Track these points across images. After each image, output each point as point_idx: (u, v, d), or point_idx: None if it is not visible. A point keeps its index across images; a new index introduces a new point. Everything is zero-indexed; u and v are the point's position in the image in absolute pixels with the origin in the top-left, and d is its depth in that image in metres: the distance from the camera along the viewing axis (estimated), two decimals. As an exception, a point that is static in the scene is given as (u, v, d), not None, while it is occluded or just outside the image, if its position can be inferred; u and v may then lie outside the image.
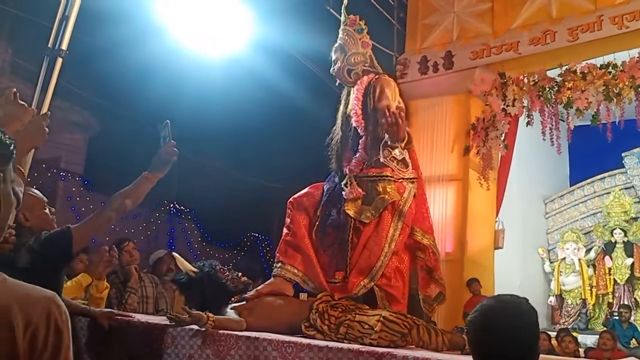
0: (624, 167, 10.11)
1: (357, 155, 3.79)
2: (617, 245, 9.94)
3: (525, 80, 7.73)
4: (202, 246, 12.77)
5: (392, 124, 3.21)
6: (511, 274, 8.92)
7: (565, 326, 9.39)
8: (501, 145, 8.01)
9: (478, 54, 8.14)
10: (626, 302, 9.46)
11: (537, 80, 7.59)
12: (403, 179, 3.67)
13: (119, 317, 3.06)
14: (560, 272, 10.16)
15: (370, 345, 2.83)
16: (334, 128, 4.00)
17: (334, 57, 4.00)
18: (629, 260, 9.79)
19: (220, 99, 9.10)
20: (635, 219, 9.96)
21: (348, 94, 3.98)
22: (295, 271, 3.67)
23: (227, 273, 3.39)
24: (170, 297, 5.17)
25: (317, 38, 8.16)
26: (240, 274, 3.44)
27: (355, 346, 2.72)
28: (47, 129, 2.25)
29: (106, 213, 2.69)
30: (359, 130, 3.79)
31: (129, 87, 9.17)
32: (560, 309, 10.06)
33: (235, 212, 12.70)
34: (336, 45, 4.04)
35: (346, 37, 4.03)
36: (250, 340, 2.81)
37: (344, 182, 3.72)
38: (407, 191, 3.65)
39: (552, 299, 10.22)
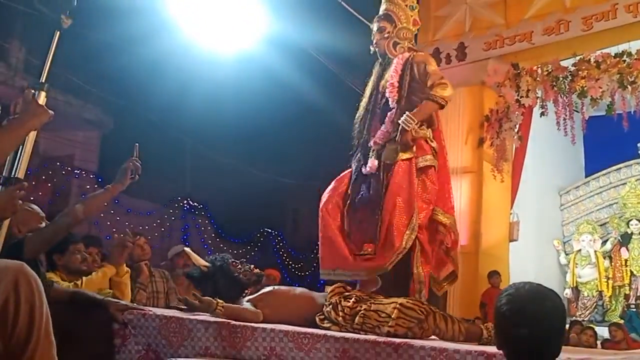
0: (639, 157, 9.99)
1: (383, 127, 3.87)
2: (633, 236, 9.84)
3: (539, 70, 7.66)
4: (216, 242, 12.83)
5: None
6: (526, 267, 8.85)
7: (581, 319, 9.33)
8: (515, 137, 7.95)
9: (491, 45, 8.07)
10: (643, 294, 9.39)
11: (550, 70, 7.52)
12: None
13: (135, 310, 3.07)
14: (576, 264, 10.08)
15: (388, 333, 2.82)
16: (361, 101, 4.03)
17: (379, 26, 4.01)
18: (646, 252, 9.71)
19: (233, 95, 9.13)
20: (651, 209, 9.87)
21: (384, 67, 4.03)
22: (328, 271, 3.78)
23: (239, 266, 3.41)
24: (183, 292, 5.18)
25: (329, 32, 8.16)
26: (252, 266, 3.46)
27: (372, 337, 2.71)
28: (20, 201, 2.21)
29: (60, 220, 2.79)
30: (390, 103, 3.85)
31: (142, 84, 9.22)
32: (577, 301, 9.98)
33: (248, 208, 12.74)
34: (382, 14, 4.06)
35: (397, 10, 4.07)
36: (267, 332, 2.81)
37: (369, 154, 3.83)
38: (426, 154, 3.83)
39: (567, 291, 10.14)
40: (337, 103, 9.74)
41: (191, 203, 12.60)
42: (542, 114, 7.77)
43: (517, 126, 7.92)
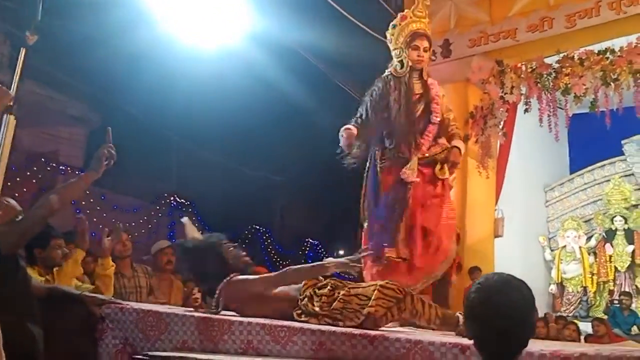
0: (623, 154, 10.08)
1: (424, 139, 4.26)
2: (617, 232, 9.94)
3: (523, 67, 7.68)
4: (203, 239, 12.78)
5: None
6: (512, 263, 8.87)
7: (566, 314, 9.40)
8: (500, 134, 7.97)
9: (476, 42, 8.09)
10: (627, 290, 9.47)
11: (534, 67, 7.54)
12: None
13: (112, 304, 3.06)
14: (561, 260, 10.16)
15: (368, 314, 2.84)
16: (396, 111, 4.24)
17: (426, 45, 4.34)
18: (630, 248, 9.80)
19: (218, 91, 9.09)
20: (635, 206, 9.95)
21: (413, 82, 4.33)
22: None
23: (231, 249, 3.41)
24: (166, 287, 5.19)
25: (314, 29, 8.15)
26: (244, 253, 3.46)
27: (348, 329, 2.72)
28: None
29: (35, 212, 2.70)
30: (434, 119, 4.27)
31: (127, 80, 9.16)
32: (561, 297, 10.07)
33: (235, 205, 12.71)
34: (424, 33, 4.37)
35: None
36: (243, 325, 2.81)
37: (410, 165, 4.15)
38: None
39: (553, 287, 10.23)
40: (324, 101, 9.75)
41: (178, 200, 12.55)
42: (525, 110, 7.80)
43: (502, 123, 7.94)
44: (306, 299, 3.08)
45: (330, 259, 3.24)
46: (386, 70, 4.42)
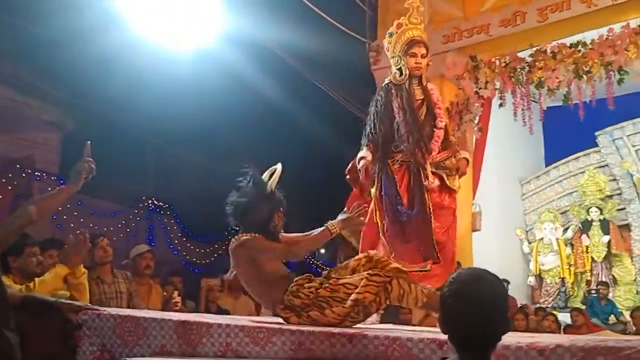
0: (597, 146, 10.21)
1: (433, 145, 4.28)
2: (593, 223, 10.08)
3: (497, 62, 7.75)
4: (183, 241, 12.68)
5: None
6: (490, 256, 8.95)
7: (545, 305, 9.52)
8: (475, 128, 8.04)
9: (450, 38, 8.14)
10: (604, 279, 9.61)
11: (508, 62, 7.62)
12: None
13: (89, 311, 3.03)
14: (539, 252, 10.28)
15: (356, 300, 2.91)
16: (403, 117, 4.25)
17: (424, 52, 4.36)
18: (606, 238, 9.94)
19: (194, 92, 9.03)
20: (610, 196, 10.10)
21: (413, 87, 4.34)
22: None
23: (278, 218, 3.39)
24: (145, 292, 5.15)
25: (289, 27, 8.13)
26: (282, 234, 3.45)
27: (327, 328, 2.73)
28: None
29: (11, 222, 2.68)
30: (439, 123, 4.30)
31: (101, 83, 9.06)
32: (540, 288, 10.19)
33: (215, 206, 12.57)
34: (422, 41, 4.41)
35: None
36: (222, 328, 2.80)
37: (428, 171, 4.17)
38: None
39: (531, 279, 10.34)
40: (303, 100, 9.74)
41: (156, 203, 12.43)
42: (500, 105, 7.87)
43: (477, 118, 8.01)
44: (291, 294, 3.07)
45: (331, 221, 3.31)
46: (385, 79, 4.45)
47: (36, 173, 11.20)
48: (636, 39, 6.72)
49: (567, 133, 9.96)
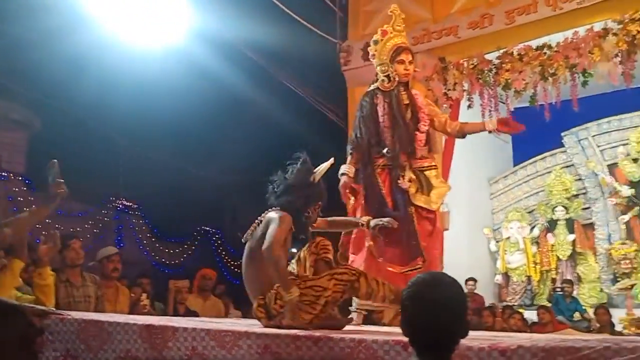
0: (563, 146, 10.41)
1: (417, 148, 4.26)
2: (559, 222, 10.25)
3: (465, 64, 7.85)
4: (152, 242, 12.58)
5: None
6: (459, 255, 9.06)
7: (512, 303, 9.66)
8: (444, 129, 8.11)
9: (419, 40, 8.21)
10: (569, 277, 9.78)
11: (476, 63, 7.72)
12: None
13: (52, 315, 2.98)
14: (506, 250, 10.43)
15: (326, 303, 2.98)
16: (389, 121, 4.25)
17: (411, 59, 4.40)
18: (571, 237, 10.12)
19: (164, 90, 8.94)
20: (575, 196, 10.29)
21: (400, 91, 4.33)
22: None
23: (316, 209, 3.36)
24: (111, 295, 5.08)
25: (257, 26, 8.10)
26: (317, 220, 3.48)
27: (293, 331, 2.74)
28: None
29: None
30: (422, 128, 4.30)
31: (68, 81, 8.92)
32: (507, 286, 10.33)
33: (184, 206, 12.54)
34: (409, 48, 4.48)
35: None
36: (188, 332, 2.79)
37: (404, 174, 4.16)
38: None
39: (498, 277, 10.48)
40: (274, 99, 9.71)
41: (125, 203, 12.31)
42: (469, 106, 7.96)
43: (446, 119, 8.08)
44: (274, 296, 3.07)
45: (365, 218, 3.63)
46: (372, 85, 4.46)
47: (2, 173, 11.01)
48: (600, 42, 6.86)
49: (534, 134, 10.06)
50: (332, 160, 3.50)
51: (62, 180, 2.82)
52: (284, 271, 3.06)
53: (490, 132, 4.35)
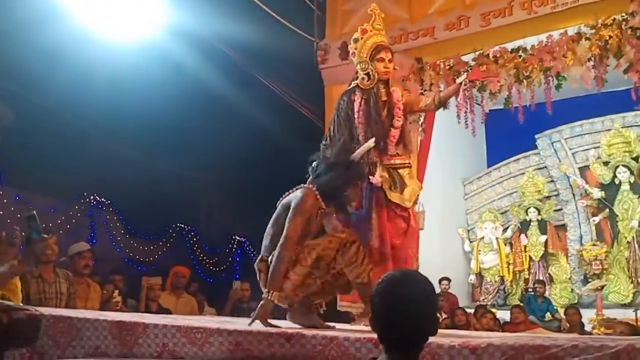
0: (537, 148, 10.54)
1: (389, 145, 4.23)
2: (531, 223, 10.40)
3: (441, 65, 7.89)
4: (126, 239, 12.41)
5: None
6: (433, 255, 9.13)
7: (485, 303, 9.75)
8: (420, 130, 8.15)
9: (396, 40, 8.22)
10: (541, 278, 9.93)
11: (452, 64, 7.76)
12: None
13: (20, 311, 2.93)
14: (479, 251, 10.53)
15: (318, 258, 3.08)
16: (366, 118, 4.22)
17: (390, 57, 4.39)
18: (543, 238, 10.27)
19: (139, 85, 8.82)
20: (548, 197, 10.44)
21: (379, 88, 4.33)
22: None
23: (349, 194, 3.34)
24: (82, 292, 5.02)
25: (233, 22, 8.06)
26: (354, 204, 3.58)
27: (265, 328, 2.73)
28: None
29: None
30: (396, 124, 4.29)
31: (40, 74, 8.75)
32: (480, 286, 10.44)
33: (158, 203, 12.38)
34: (388, 47, 4.49)
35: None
36: (158, 328, 2.76)
37: (379, 170, 4.12)
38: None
39: (472, 277, 10.59)
40: (246, 96, 9.66)
41: (98, 199, 12.12)
42: (444, 107, 7.99)
43: (422, 119, 8.13)
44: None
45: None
46: (351, 84, 4.46)
47: (-29, 167, 10.78)
48: (573, 46, 6.94)
49: (508, 135, 10.24)
50: (372, 140, 3.58)
51: (47, 236, 2.78)
52: (281, 271, 3.06)
53: (463, 84, 4.39)
